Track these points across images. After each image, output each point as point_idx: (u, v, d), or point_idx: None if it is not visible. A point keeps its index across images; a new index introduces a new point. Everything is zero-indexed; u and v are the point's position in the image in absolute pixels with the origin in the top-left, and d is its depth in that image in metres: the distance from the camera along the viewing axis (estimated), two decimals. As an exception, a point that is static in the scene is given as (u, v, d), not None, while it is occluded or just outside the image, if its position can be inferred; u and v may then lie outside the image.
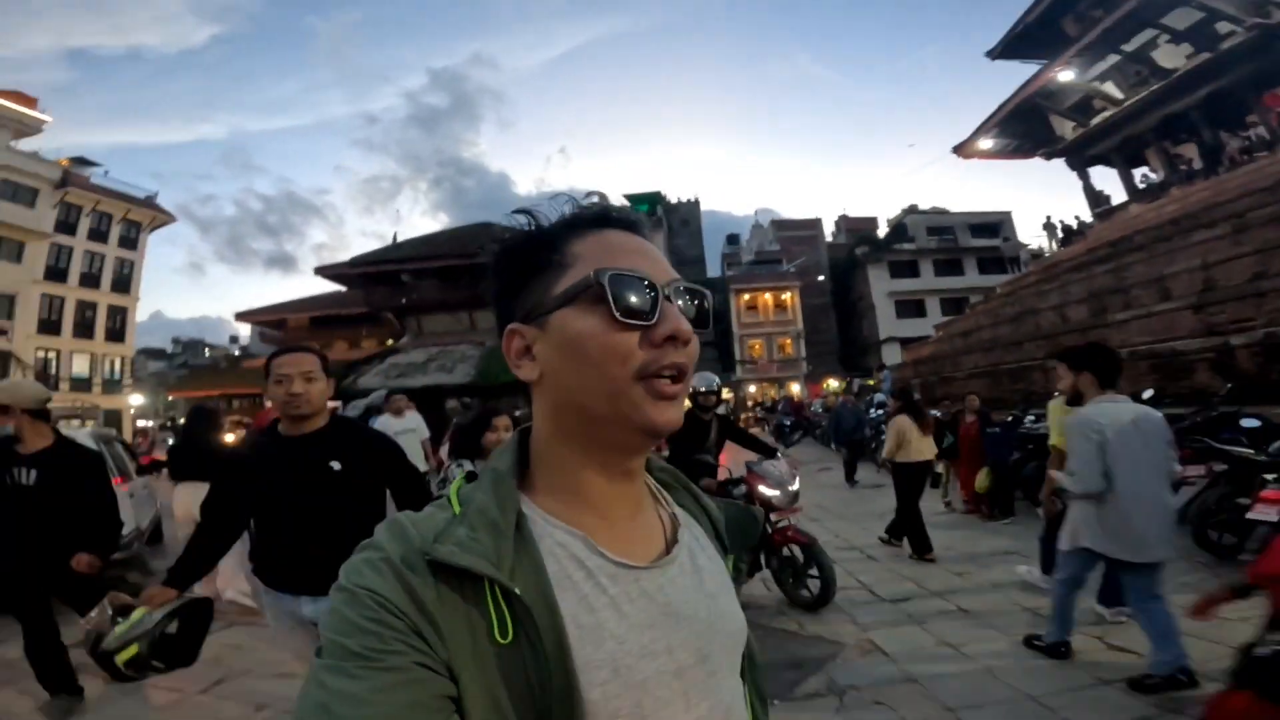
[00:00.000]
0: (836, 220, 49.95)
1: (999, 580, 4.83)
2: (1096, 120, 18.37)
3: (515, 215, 0.63)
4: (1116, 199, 19.19)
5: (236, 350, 42.08)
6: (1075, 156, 19.71)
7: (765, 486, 4.37)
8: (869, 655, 3.62)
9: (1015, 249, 36.32)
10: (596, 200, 0.65)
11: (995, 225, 40.07)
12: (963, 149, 20.87)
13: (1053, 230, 22.48)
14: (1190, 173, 16.29)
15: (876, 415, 13.74)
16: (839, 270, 44.15)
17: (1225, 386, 7.72)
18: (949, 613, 4.23)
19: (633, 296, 0.55)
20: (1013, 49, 19.39)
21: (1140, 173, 18.50)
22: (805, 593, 4.39)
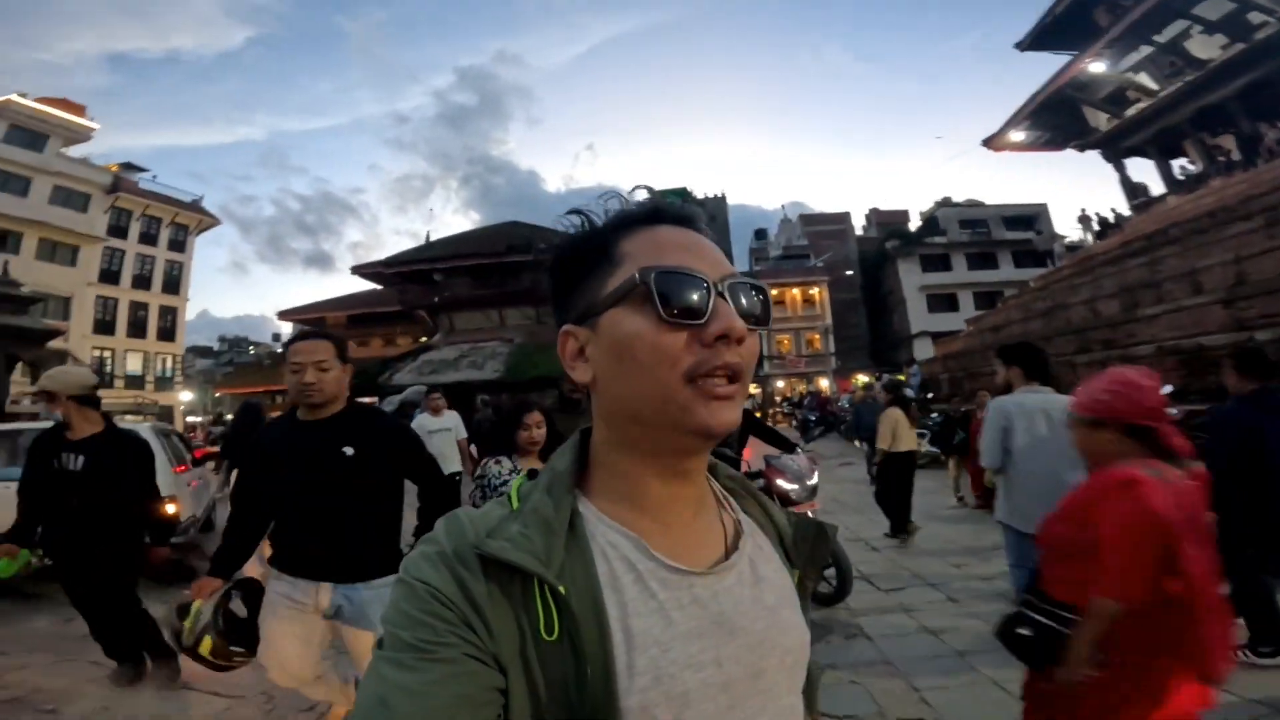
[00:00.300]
0: (867, 214, 49.34)
1: (992, 573, 5.00)
2: (1131, 112, 17.97)
3: (568, 216, 0.63)
4: (1157, 191, 18.76)
5: (279, 348, 43.59)
6: (1110, 148, 19.28)
7: (783, 480, 4.42)
8: (853, 639, 3.86)
9: (1049, 242, 35.47)
10: (646, 195, 0.64)
11: (1030, 218, 39.21)
12: (993, 142, 20.58)
13: (1087, 223, 22.00)
14: (1229, 164, 15.86)
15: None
16: (869, 264, 43.68)
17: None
18: (937, 601, 4.44)
19: (681, 294, 0.54)
20: (1042, 40, 19.05)
21: (1179, 164, 18.03)
22: (824, 586, 4.35)
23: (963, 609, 4.24)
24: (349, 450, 2.11)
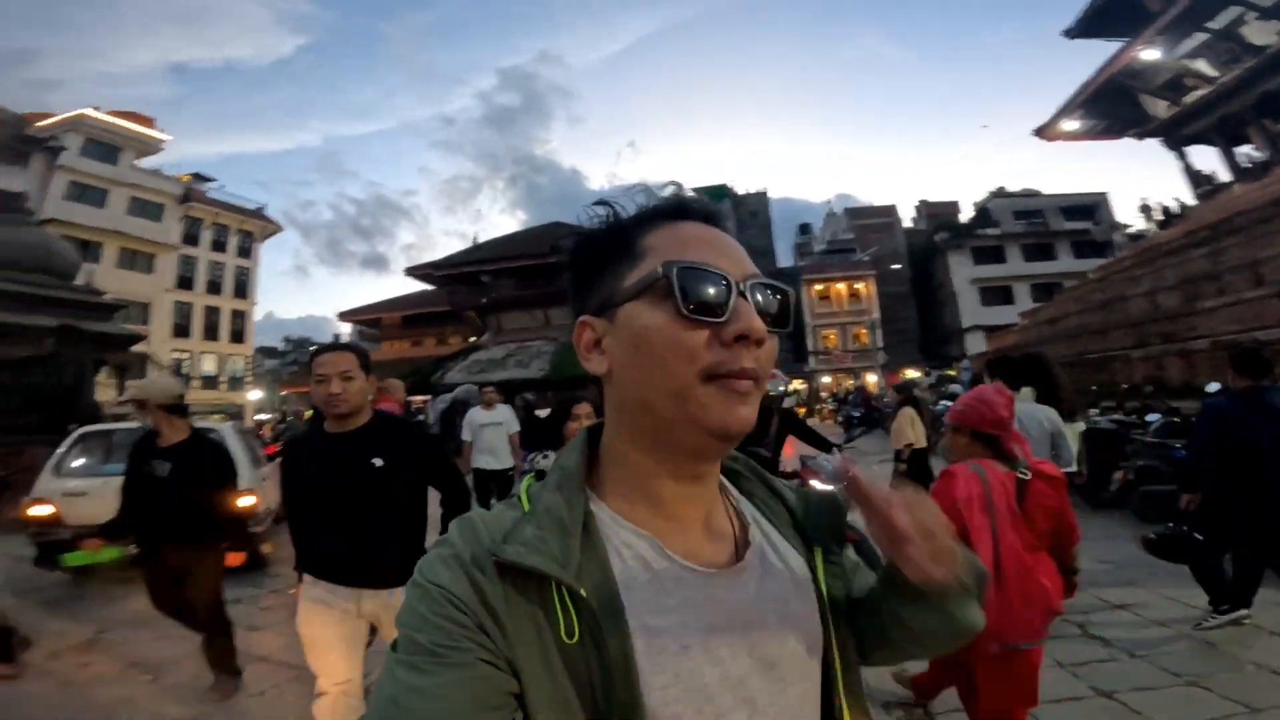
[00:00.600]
0: (916, 206, 48.21)
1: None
2: (1190, 99, 17.15)
3: (593, 207, 0.62)
4: (1224, 178, 17.86)
5: (338, 348, 45.35)
6: (1170, 136, 18.44)
7: (818, 481, 4.46)
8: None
9: (1108, 232, 34.00)
10: (673, 190, 0.63)
11: (1090, 208, 37.60)
12: (1046, 131, 19.91)
13: (1149, 212, 21.07)
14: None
15: (943, 408, 13.54)
16: (918, 257, 42.66)
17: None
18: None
19: (702, 291, 0.53)
20: (1091, 27, 18.36)
21: (1244, 151, 17.13)
22: None
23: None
24: (378, 461, 2.15)
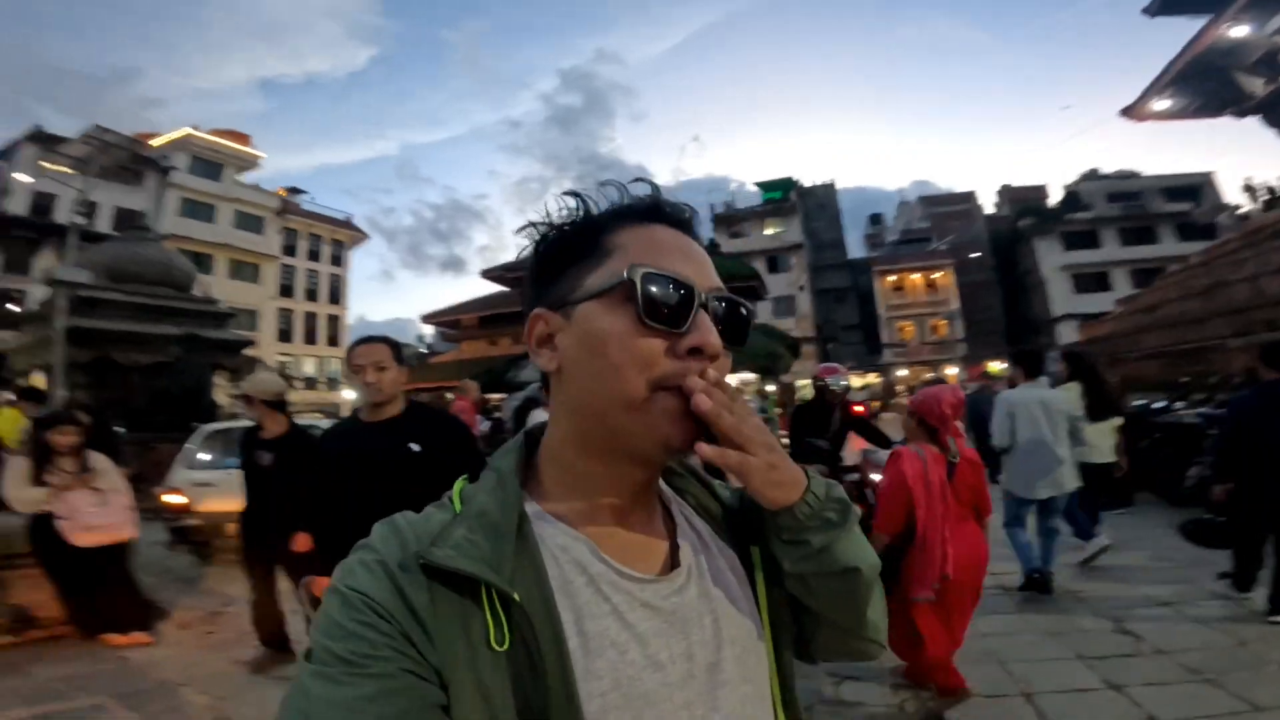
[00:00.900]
0: (998, 191, 45.66)
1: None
2: (1287, 75, 15.65)
3: (563, 198, 0.60)
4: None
5: (423, 348, 47.89)
6: (1271, 113, 16.86)
7: (877, 474, 4.33)
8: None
9: (1212, 214, 31.07)
10: (647, 189, 0.61)
11: (1193, 188, 34.55)
12: (1133, 111, 18.60)
13: (1253, 193, 19.29)
14: None
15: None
16: (1001, 244, 40.51)
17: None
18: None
19: (666, 299, 0.52)
20: (1172, 4, 17.03)
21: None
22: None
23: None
24: (415, 447, 2.23)
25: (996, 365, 30.22)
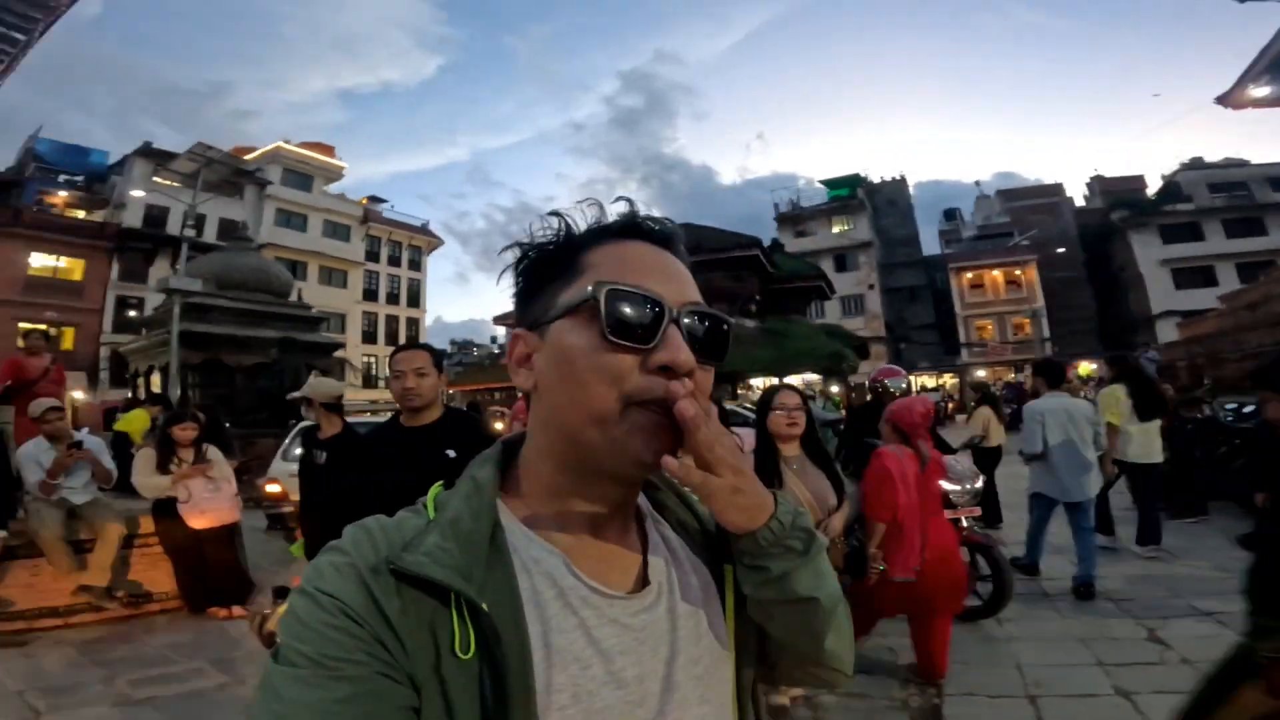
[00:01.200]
0: (1088, 183, 42.83)
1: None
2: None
3: (547, 218, 0.61)
4: None
5: (496, 349, 49.48)
6: (1381, 99, 15.12)
7: (946, 482, 3.97)
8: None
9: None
10: (625, 207, 0.61)
11: (1310, 175, 31.36)
12: (1230, 99, 16.98)
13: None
14: None
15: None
16: (1091, 238, 38.04)
17: None
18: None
19: (630, 316, 0.52)
20: None
21: None
22: (973, 599, 3.99)
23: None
24: (451, 453, 2.23)
25: (1087, 365, 28.50)
